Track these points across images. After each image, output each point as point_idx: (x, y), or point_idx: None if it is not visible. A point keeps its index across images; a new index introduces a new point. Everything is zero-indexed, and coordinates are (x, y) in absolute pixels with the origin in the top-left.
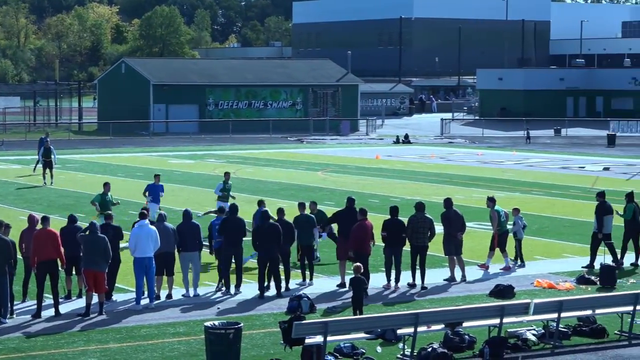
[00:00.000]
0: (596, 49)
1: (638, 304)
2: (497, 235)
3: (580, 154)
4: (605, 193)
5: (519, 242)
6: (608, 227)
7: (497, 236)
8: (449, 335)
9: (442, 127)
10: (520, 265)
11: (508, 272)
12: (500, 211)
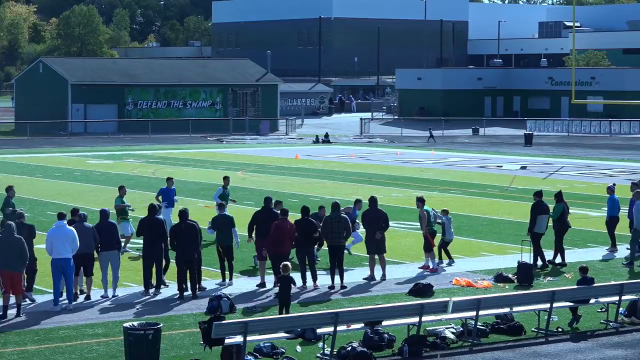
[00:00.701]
0: (513, 49)
1: (554, 301)
2: (428, 234)
3: (497, 153)
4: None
5: (445, 243)
6: (541, 227)
7: (428, 236)
8: (368, 334)
9: (361, 126)
10: (450, 263)
11: (429, 271)
12: (430, 211)
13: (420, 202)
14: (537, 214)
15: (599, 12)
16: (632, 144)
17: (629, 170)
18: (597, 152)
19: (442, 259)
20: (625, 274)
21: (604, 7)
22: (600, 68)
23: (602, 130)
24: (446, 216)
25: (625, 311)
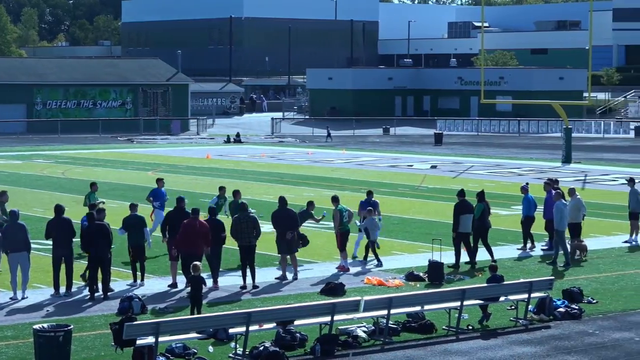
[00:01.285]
0: (423, 49)
1: (465, 299)
2: (339, 234)
3: (408, 153)
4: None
5: (372, 243)
6: (466, 226)
7: (339, 235)
8: (280, 333)
9: (272, 126)
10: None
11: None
12: (344, 210)
13: (334, 201)
14: (460, 213)
15: (507, 12)
16: (540, 143)
17: (538, 169)
18: (506, 151)
19: (366, 259)
20: (534, 272)
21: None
22: (508, 68)
23: (511, 130)
24: (371, 217)
25: (534, 308)
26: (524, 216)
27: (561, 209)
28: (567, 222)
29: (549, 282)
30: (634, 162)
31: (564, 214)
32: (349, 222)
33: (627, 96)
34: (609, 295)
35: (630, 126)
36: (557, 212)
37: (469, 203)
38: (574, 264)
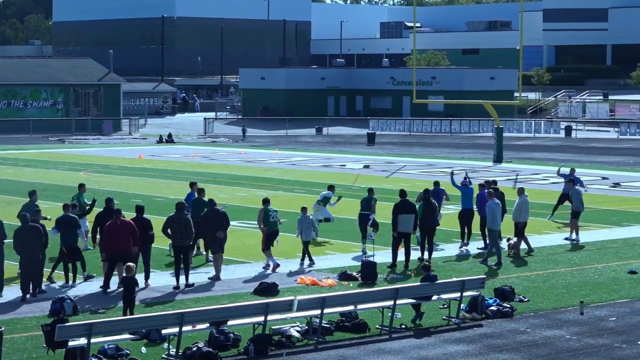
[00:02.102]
0: (356, 49)
1: (398, 298)
2: (266, 234)
3: (341, 152)
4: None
5: (305, 244)
6: (406, 226)
7: (265, 235)
8: (214, 334)
9: (205, 126)
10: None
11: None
12: (271, 211)
13: (265, 202)
14: (399, 213)
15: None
16: (471, 142)
17: (469, 168)
18: (438, 151)
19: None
20: (467, 270)
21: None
22: (440, 68)
23: (443, 130)
24: (304, 215)
25: (466, 307)
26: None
27: (493, 208)
28: (515, 221)
29: (481, 281)
30: (564, 161)
31: (495, 214)
32: (278, 223)
33: (558, 96)
34: (540, 294)
35: (560, 126)
36: (489, 212)
37: (410, 203)
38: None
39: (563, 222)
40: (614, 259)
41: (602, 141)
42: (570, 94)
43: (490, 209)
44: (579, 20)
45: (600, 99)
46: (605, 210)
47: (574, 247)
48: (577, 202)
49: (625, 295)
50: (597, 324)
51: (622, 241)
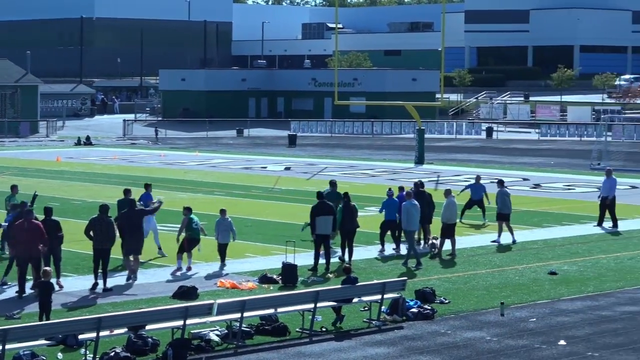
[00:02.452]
0: (277, 50)
1: (318, 301)
2: (187, 239)
3: (262, 154)
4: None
5: (222, 246)
6: (324, 228)
7: (187, 240)
8: (132, 338)
9: (124, 128)
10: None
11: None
12: (195, 219)
13: (186, 210)
14: (317, 215)
15: (361, 14)
16: (393, 144)
17: (391, 170)
18: (360, 153)
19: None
20: (388, 272)
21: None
22: (362, 69)
23: (365, 131)
24: (223, 217)
25: (387, 309)
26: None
27: (408, 208)
28: (445, 222)
29: (401, 283)
30: (485, 162)
31: (410, 214)
32: (202, 233)
33: (479, 97)
34: (461, 295)
35: (481, 127)
36: (404, 212)
37: (328, 204)
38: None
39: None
40: (534, 260)
41: (523, 142)
42: (491, 96)
43: (405, 210)
44: (501, 22)
45: (522, 101)
46: (526, 212)
47: (498, 249)
48: (502, 204)
49: (545, 296)
50: (517, 325)
51: (543, 242)
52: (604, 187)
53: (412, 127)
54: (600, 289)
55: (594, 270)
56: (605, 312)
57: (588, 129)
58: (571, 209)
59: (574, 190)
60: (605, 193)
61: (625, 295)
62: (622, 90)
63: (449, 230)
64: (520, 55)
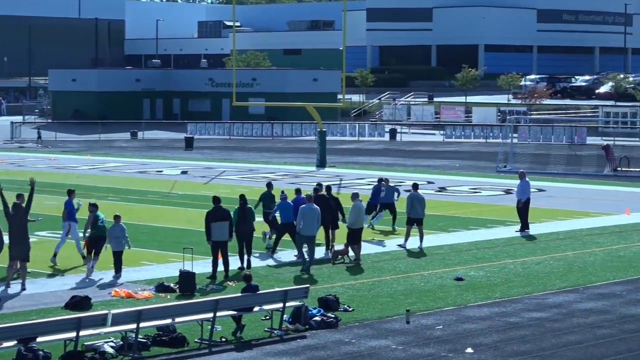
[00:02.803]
0: (173, 49)
1: (218, 310)
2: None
3: (158, 158)
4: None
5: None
6: (221, 234)
7: (88, 240)
8: (22, 352)
9: (12, 130)
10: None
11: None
12: (100, 216)
13: (92, 207)
14: (212, 221)
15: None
16: (293, 146)
17: (292, 173)
18: (259, 156)
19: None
20: (290, 280)
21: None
22: (261, 69)
23: (264, 133)
24: (116, 223)
25: (289, 318)
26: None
27: (304, 212)
28: (350, 227)
29: (304, 291)
30: (388, 165)
31: (306, 218)
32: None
33: (382, 98)
34: (365, 303)
35: (385, 129)
36: (299, 216)
37: (224, 210)
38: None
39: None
40: (440, 265)
41: (427, 144)
42: (394, 96)
43: (300, 213)
44: (403, 20)
45: (425, 101)
46: (431, 216)
47: (403, 254)
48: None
49: (451, 303)
50: (423, 332)
51: (449, 247)
52: (518, 190)
53: (314, 129)
54: (508, 294)
55: (501, 276)
56: (513, 318)
57: (493, 130)
58: (477, 213)
59: (480, 194)
60: (519, 196)
61: (533, 301)
62: (528, 91)
63: (355, 235)
64: (424, 54)
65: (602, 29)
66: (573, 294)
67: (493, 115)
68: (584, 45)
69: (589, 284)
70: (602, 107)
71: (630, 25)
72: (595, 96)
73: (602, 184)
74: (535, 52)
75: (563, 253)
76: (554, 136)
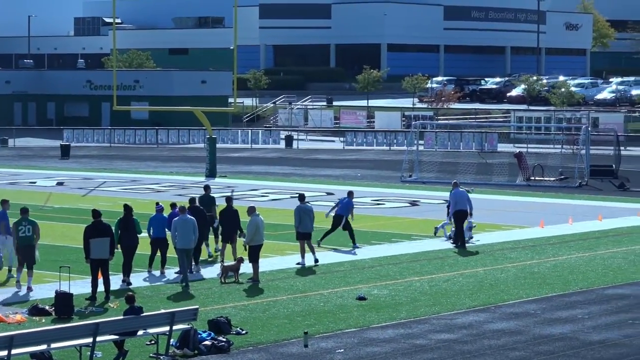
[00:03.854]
0: (46, 48)
1: (98, 334)
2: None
3: (30, 168)
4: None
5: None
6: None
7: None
8: None
9: None
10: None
11: None
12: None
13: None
14: (90, 237)
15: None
16: (181, 155)
17: (179, 184)
18: (144, 165)
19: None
20: (178, 301)
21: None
22: (144, 70)
23: (148, 140)
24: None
25: (177, 342)
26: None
27: (177, 225)
28: (249, 244)
29: (193, 312)
30: (285, 175)
31: (182, 231)
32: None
33: (277, 102)
34: (260, 325)
35: (280, 135)
36: (172, 229)
37: (105, 225)
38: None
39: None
40: (341, 284)
41: (326, 152)
42: (290, 100)
43: (173, 226)
44: (300, 17)
45: (324, 106)
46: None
47: (300, 272)
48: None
49: (353, 324)
50: (323, 356)
51: (350, 264)
52: (453, 200)
53: (203, 135)
54: (414, 314)
55: (407, 295)
56: (420, 340)
57: (398, 137)
58: (381, 227)
59: (383, 206)
60: (460, 207)
61: (441, 322)
62: (435, 94)
63: (254, 252)
64: (322, 54)
65: (513, 27)
66: (484, 313)
67: (397, 120)
68: (495, 44)
69: (501, 302)
70: (514, 112)
71: (543, 24)
72: (506, 100)
73: (515, 194)
74: (442, 52)
75: (473, 269)
76: (462, 143)
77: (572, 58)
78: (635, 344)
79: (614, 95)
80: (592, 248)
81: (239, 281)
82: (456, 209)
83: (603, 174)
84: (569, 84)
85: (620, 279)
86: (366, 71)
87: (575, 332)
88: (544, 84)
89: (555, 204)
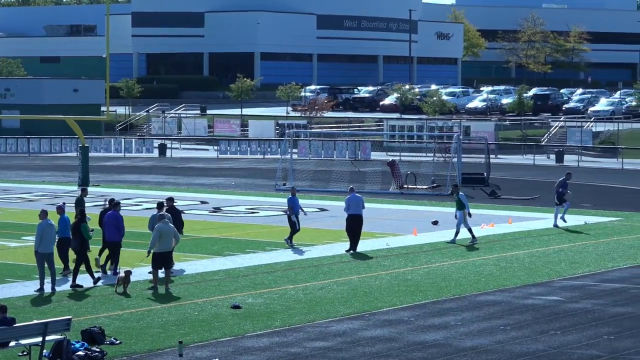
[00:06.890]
0: None
1: None
2: None
3: None
4: None
5: None
6: None
7: None
8: None
9: None
10: None
11: None
12: None
13: None
14: None
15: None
16: (53, 164)
17: (52, 193)
18: (14, 174)
19: None
20: (50, 311)
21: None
22: (15, 78)
23: (20, 149)
24: None
25: (49, 353)
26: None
27: (42, 228)
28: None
29: (66, 323)
30: (159, 184)
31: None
32: None
33: (150, 110)
34: (134, 334)
35: (154, 144)
36: (37, 232)
37: None
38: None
39: None
40: (215, 292)
41: (200, 161)
42: (164, 108)
43: (39, 230)
44: (172, 26)
45: (198, 114)
46: (206, 239)
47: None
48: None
49: (228, 333)
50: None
51: (225, 272)
52: (347, 204)
53: (75, 144)
54: (288, 323)
55: (281, 303)
56: (294, 348)
57: (272, 145)
58: (255, 235)
59: (257, 214)
60: (353, 211)
61: (316, 330)
62: (308, 103)
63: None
64: (195, 63)
65: (386, 37)
66: (358, 320)
67: (271, 129)
68: (367, 53)
69: (375, 309)
70: (387, 120)
71: (415, 33)
72: (379, 108)
73: (388, 202)
74: (315, 60)
75: (347, 277)
76: (336, 151)
77: (444, 67)
78: (507, 350)
79: (485, 104)
80: (465, 255)
81: (128, 293)
82: (349, 213)
83: (474, 182)
84: (440, 93)
85: (492, 286)
86: (240, 80)
87: (448, 338)
88: (416, 92)
89: (427, 211)
